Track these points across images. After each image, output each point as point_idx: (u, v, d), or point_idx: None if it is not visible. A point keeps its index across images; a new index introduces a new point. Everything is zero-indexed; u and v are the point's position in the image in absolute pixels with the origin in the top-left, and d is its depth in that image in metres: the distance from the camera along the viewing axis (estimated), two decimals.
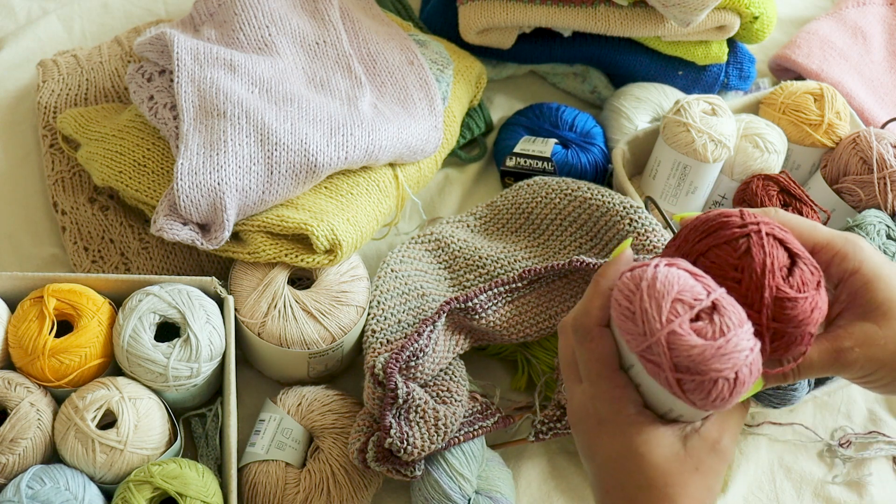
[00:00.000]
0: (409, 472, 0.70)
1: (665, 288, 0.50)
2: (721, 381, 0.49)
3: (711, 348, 0.49)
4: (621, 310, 0.51)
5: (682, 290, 0.50)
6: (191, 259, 0.82)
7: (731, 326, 0.49)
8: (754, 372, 0.50)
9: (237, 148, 0.72)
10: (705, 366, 0.49)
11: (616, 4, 0.90)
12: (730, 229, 0.53)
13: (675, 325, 0.49)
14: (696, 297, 0.49)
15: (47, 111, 0.89)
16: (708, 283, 0.51)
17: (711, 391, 0.50)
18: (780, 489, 0.82)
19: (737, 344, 0.49)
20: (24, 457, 0.66)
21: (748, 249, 0.52)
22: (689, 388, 0.50)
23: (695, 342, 0.49)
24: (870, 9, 1.14)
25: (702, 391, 0.50)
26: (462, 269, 0.83)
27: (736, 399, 0.50)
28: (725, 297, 0.50)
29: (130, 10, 1.02)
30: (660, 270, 0.51)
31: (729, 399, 0.50)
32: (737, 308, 0.50)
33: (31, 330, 0.68)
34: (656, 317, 0.50)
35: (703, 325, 0.49)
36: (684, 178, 0.85)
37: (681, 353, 0.49)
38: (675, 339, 0.49)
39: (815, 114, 0.89)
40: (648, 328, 0.50)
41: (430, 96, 0.86)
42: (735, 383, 0.49)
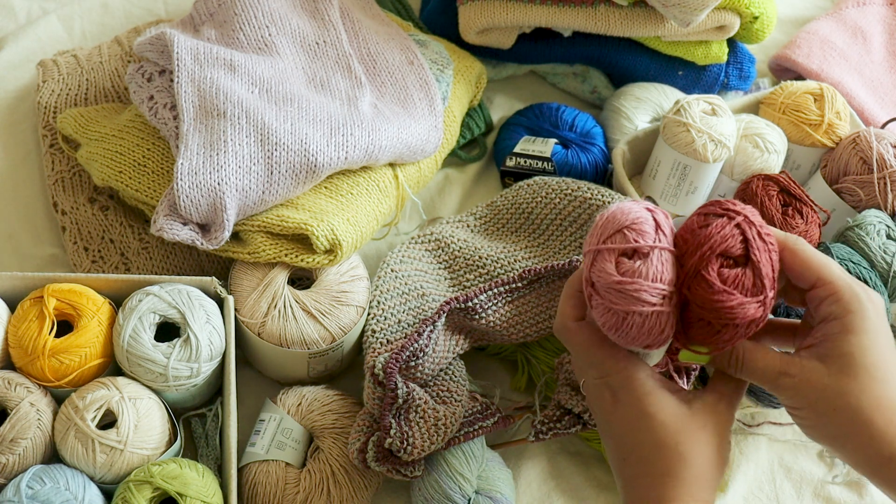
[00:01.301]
0: (409, 472, 0.70)
1: (622, 217, 0.55)
2: (613, 313, 0.54)
3: (615, 280, 0.53)
4: (594, 222, 0.57)
5: (632, 226, 0.54)
6: (191, 259, 0.82)
7: (643, 275, 0.53)
8: (648, 328, 0.54)
9: (237, 148, 0.72)
10: (606, 293, 0.54)
11: (616, 4, 0.90)
12: (715, 207, 0.55)
13: (605, 247, 0.54)
14: (636, 239, 0.54)
15: (47, 111, 0.89)
16: (662, 237, 0.55)
17: (604, 316, 0.55)
18: (780, 489, 0.82)
19: (637, 291, 0.53)
20: (24, 457, 0.66)
21: (708, 224, 0.54)
22: (594, 306, 0.55)
23: (608, 269, 0.54)
24: (870, 9, 1.14)
25: (600, 313, 0.55)
26: (462, 269, 0.83)
27: (628, 339, 0.55)
28: (664, 256, 0.54)
29: (130, 10, 1.02)
30: (631, 205, 0.56)
31: (620, 333, 0.55)
32: (664, 269, 0.53)
33: (31, 330, 0.68)
34: (598, 234, 0.55)
35: (627, 261, 0.54)
36: (684, 178, 0.85)
37: (596, 271, 0.54)
38: (599, 258, 0.54)
39: (815, 114, 0.89)
40: (590, 241, 0.56)
41: (430, 96, 0.86)
42: (623, 323, 0.54)
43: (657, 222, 0.55)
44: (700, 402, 0.57)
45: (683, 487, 0.54)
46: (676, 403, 0.56)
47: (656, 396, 0.56)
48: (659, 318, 0.53)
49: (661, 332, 0.54)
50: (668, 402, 0.56)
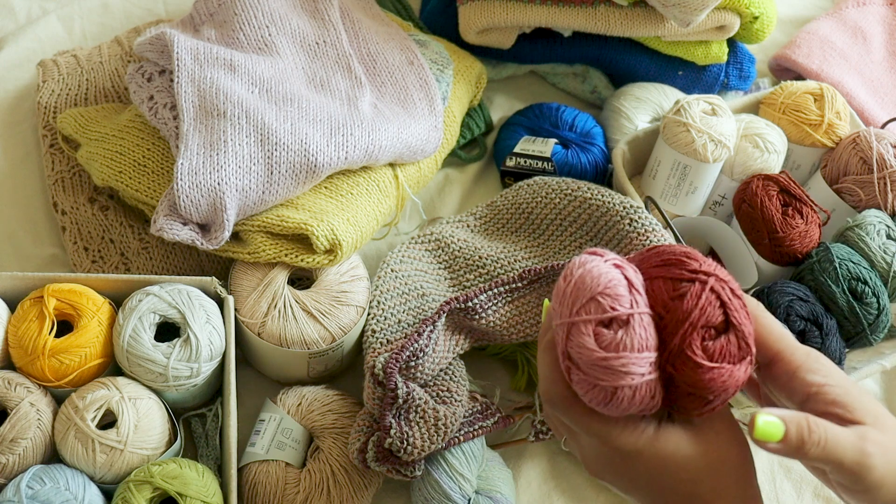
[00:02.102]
0: (409, 472, 0.70)
1: (592, 282, 0.51)
2: (600, 389, 0.51)
3: (599, 357, 0.50)
4: (557, 286, 0.53)
5: (605, 292, 0.51)
6: (191, 259, 0.82)
7: (627, 346, 0.50)
8: (639, 399, 0.51)
9: (237, 148, 0.72)
10: (590, 370, 0.51)
11: (616, 4, 0.90)
12: (681, 269, 0.52)
13: (580, 319, 0.51)
14: (613, 306, 0.51)
15: (47, 111, 0.89)
16: (638, 298, 0.51)
17: (589, 393, 0.52)
18: (780, 489, 0.82)
19: (625, 365, 0.50)
20: (24, 457, 0.66)
21: (683, 295, 0.51)
22: (574, 381, 0.52)
23: (588, 344, 0.50)
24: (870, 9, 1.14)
25: (584, 389, 0.52)
26: (462, 269, 0.83)
27: (618, 412, 0.52)
28: (645, 320, 0.51)
29: (130, 10, 1.02)
30: (598, 265, 0.52)
31: (609, 407, 0.52)
32: (648, 335, 0.50)
33: (31, 330, 0.68)
34: (570, 304, 0.51)
35: (607, 332, 0.50)
36: (684, 178, 0.85)
37: (574, 346, 0.51)
38: (575, 332, 0.51)
39: (815, 114, 0.89)
40: (562, 311, 0.52)
41: (430, 96, 0.86)
42: (612, 398, 0.51)
43: (629, 281, 0.52)
44: (711, 432, 0.54)
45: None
46: (689, 443, 0.53)
47: (669, 444, 0.53)
48: (649, 385, 0.51)
49: (651, 398, 0.51)
50: (681, 446, 0.53)
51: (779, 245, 0.81)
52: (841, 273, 0.78)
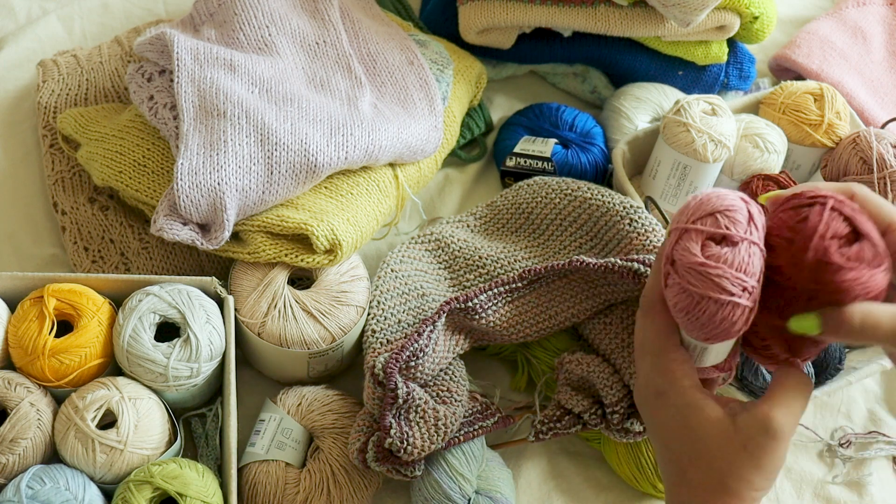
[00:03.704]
0: (409, 472, 0.70)
1: (717, 201, 0.54)
2: (688, 294, 0.53)
3: (698, 261, 0.53)
4: (684, 204, 0.56)
5: (726, 213, 0.54)
6: (191, 259, 0.82)
7: (729, 262, 0.52)
8: (720, 319, 0.53)
9: (237, 148, 0.72)
10: (686, 273, 0.53)
11: (616, 4, 0.90)
12: (801, 199, 0.55)
13: (695, 227, 0.54)
14: (728, 226, 0.53)
15: (47, 111, 0.89)
16: (753, 231, 0.54)
17: (677, 296, 0.54)
18: (780, 489, 0.82)
19: (719, 276, 0.52)
20: (24, 457, 0.66)
21: (806, 217, 0.53)
22: (669, 284, 0.55)
23: (693, 249, 0.53)
24: (870, 9, 1.14)
25: (674, 293, 0.54)
26: (462, 269, 0.83)
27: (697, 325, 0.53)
28: (754, 251, 0.53)
29: (130, 10, 1.02)
30: (727, 192, 0.55)
31: (690, 317, 0.53)
32: (751, 263, 0.53)
33: (31, 330, 0.68)
34: (689, 214, 0.55)
35: (714, 246, 0.53)
36: (684, 178, 0.85)
37: (680, 249, 0.54)
38: (686, 237, 0.54)
39: (815, 114, 0.89)
40: (679, 219, 0.55)
41: (430, 96, 0.86)
42: (696, 307, 0.53)
43: (751, 214, 0.54)
44: (747, 417, 0.54)
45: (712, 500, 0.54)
46: (719, 417, 0.55)
47: (699, 408, 0.55)
48: (734, 309, 0.52)
49: (731, 325, 0.53)
50: (710, 415, 0.55)
51: None
52: None
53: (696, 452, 0.55)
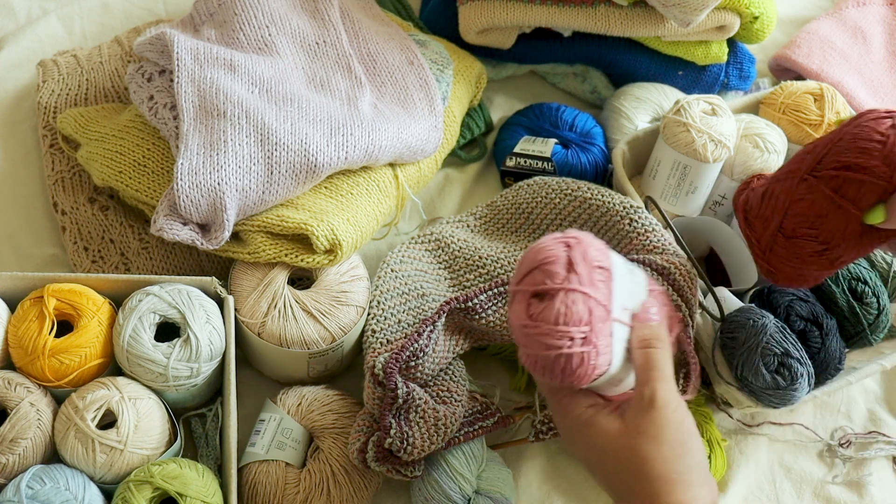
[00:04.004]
0: (409, 472, 0.70)
1: (531, 255, 0.55)
2: (528, 354, 0.55)
3: (522, 324, 0.54)
4: None
5: (541, 267, 0.54)
6: (191, 259, 0.82)
7: (545, 318, 0.53)
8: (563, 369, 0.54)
9: (237, 148, 0.72)
10: (518, 336, 0.55)
11: (616, 4, 0.90)
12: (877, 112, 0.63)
13: (517, 288, 0.55)
14: (544, 280, 0.54)
15: (47, 111, 0.89)
16: (573, 278, 0.54)
17: (522, 355, 0.55)
18: (781, 489, 0.82)
19: (541, 335, 0.53)
20: (25, 457, 0.66)
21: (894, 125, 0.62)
22: (518, 345, 0.56)
23: (519, 311, 0.55)
24: (870, 9, 1.14)
25: (520, 353, 0.55)
26: (462, 269, 0.83)
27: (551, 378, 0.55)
28: (571, 297, 0.54)
29: (130, 11, 1.02)
30: (547, 242, 0.55)
31: (544, 375, 0.55)
32: (574, 308, 0.53)
33: (31, 330, 0.68)
34: (517, 274, 0.56)
35: (536, 304, 0.54)
36: (684, 178, 0.85)
37: (512, 314, 0.55)
38: (514, 300, 0.55)
39: (815, 114, 0.89)
40: (512, 280, 0.56)
41: (430, 96, 0.86)
42: (536, 365, 0.54)
43: (571, 260, 0.54)
44: (630, 408, 0.58)
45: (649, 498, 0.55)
46: (609, 421, 0.57)
47: (594, 423, 0.58)
48: (568, 360, 0.53)
49: (576, 373, 0.54)
50: (603, 425, 0.57)
51: None
52: (841, 273, 0.78)
53: (609, 464, 0.57)
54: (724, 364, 0.77)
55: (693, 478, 0.56)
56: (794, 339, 0.75)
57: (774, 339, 0.74)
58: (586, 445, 0.58)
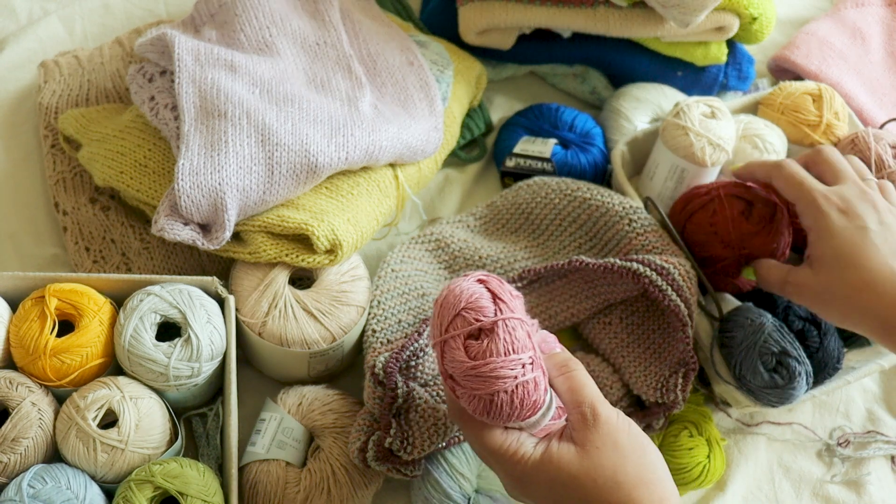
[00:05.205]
0: (410, 471, 0.70)
1: (455, 300, 0.55)
2: (479, 398, 0.54)
3: (469, 366, 0.53)
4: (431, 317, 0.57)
5: (468, 307, 0.54)
6: (192, 259, 0.82)
7: (494, 352, 0.53)
8: (519, 401, 0.54)
9: (238, 148, 0.72)
10: (465, 380, 0.53)
11: (615, 5, 0.91)
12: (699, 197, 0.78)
13: (449, 335, 0.54)
14: (477, 317, 0.54)
15: (48, 112, 0.89)
16: (503, 306, 0.55)
17: (472, 404, 0.54)
18: (779, 488, 0.83)
19: (493, 370, 0.53)
20: (26, 456, 0.66)
21: (715, 211, 0.77)
22: (459, 396, 0.55)
23: (459, 357, 0.54)
24: (869, 9, 1.14)
25: (467, 402, 0.55)
26: (462, 269, 0.83)
27: (504, 419, 0.54)
28: (511, 325, 0.54)
29: (132, 11, 1.02)
30: (460, 284, 0.56)
31: (494, 417, 0.54)
32: (514, 338, 0.53)
33: (33, 330, 0.68)
34: (440, 325, 0.55)
35: (475, 343, 0.54)
36: (682, 182, 0.85)
37: (449, 363, 0.54)
38: (448, 348, 0.54)
39: (814, 114, 0.89)
40: (434, 334, 0.56)
41: (430, 97, 0.86)
42: (492, 406, 0.53)
43: (493, 293, 0.55)
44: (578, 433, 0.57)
45: None
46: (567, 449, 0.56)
47: (553, 459, 0.56)
48: (525, 388, 0.53)
49: (531, 401, 0.54)
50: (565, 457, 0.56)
51: (800, 229, 0.81)
52: None
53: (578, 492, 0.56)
54: (722, 363, 0.78)
55: (661, 474, 0.57)
56: (791, 338, 0.76)
57: (772, 338, 0.75)
58: (547, 484, 0.56)
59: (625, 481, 0.55)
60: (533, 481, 0.57)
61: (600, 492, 0.55)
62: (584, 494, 0.55)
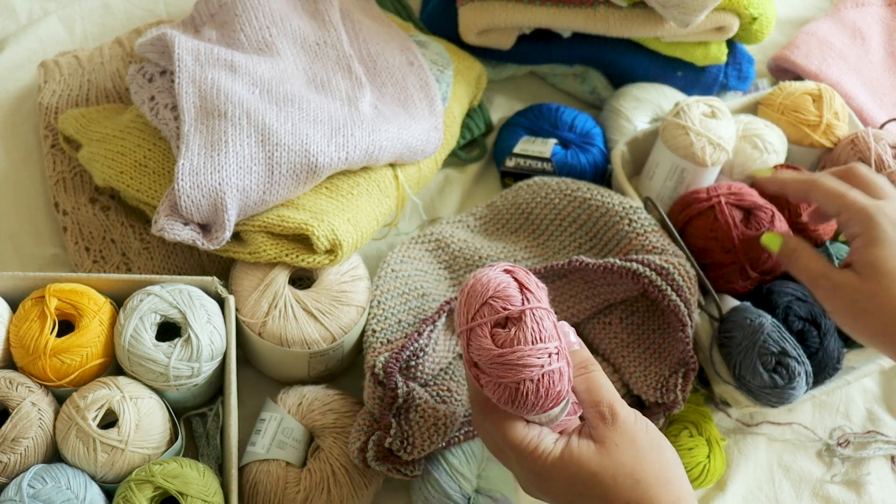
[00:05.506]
0: (410, 471, 0.70)
1: (482, 289, 0.55)
2: (504, 387, 0.54)
3: (496, 353, 0.53)
4: (457, 302, 0.57)
5: (496, 296, 0.54)
6: (192, 259, 0.82)
7: (521, 341, 0.53)
8: (544, 392, 0.54)
9: (238, 148, 0.72)
10: (490, 368, 0.54)
11: (615, 5, 0.91)
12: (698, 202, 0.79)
13: (476, 323, 0.54)
14: (504, 306, 0.54)
15: (48, 112, 0.89)
16: (529, 296, 0.55)
17: (497, 393, 0.54)
18: (779, 488, 0.83)
19: (521, 358, 0.53)
20: (26, 456, 0.66)
21: (715, 218, 0.78)
22: (484, 384, 0.55)
23: (486, 344, 0.54)
24: (868, 9, 1.14)
25: (492, 390, 0.55)
26: (462, 269, 0.83)
27: (529, 409, 0.54)
28: (539, 314, 0.54)
29: (132, 11, 1.02)
30: (487, 273, 0.56)
31: (518, 406, 0.54)
32: (542, 328, 0.54)
33: (33, 330, 0.68)
34: (466, 314, 0.55)
35: (502, 331, 0.54)
36: (682, 182, 0.85)
37: (475, 350, 0.54)
38: (474, 336, 0.54)
39: (814, 114, 0.89)
40: (460, 321, 0.56)
41: (430, 97, 0.86)
42: (517, 395, 0.53)
43: (520, 283, 0.55)
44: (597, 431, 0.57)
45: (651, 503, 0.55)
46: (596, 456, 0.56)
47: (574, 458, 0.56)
48: (550, 377, 0.53)
49: (555, 391, 0.54)
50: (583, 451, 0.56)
51: (803, 230, 0.81)
52: None
53: (597, 490, 0.56)
54: (722, 364, 0.78)
55: (678, 472, 0.57)
56: (791, 339, 0.76)
57: (772, 338, 0.75)
58: (567, 480, 0.56)
59: (643, 479, 0.55)
60: (552, 477, 0.57)
61: (619, 489, 0.55)
62: (602, 491, 0.55)
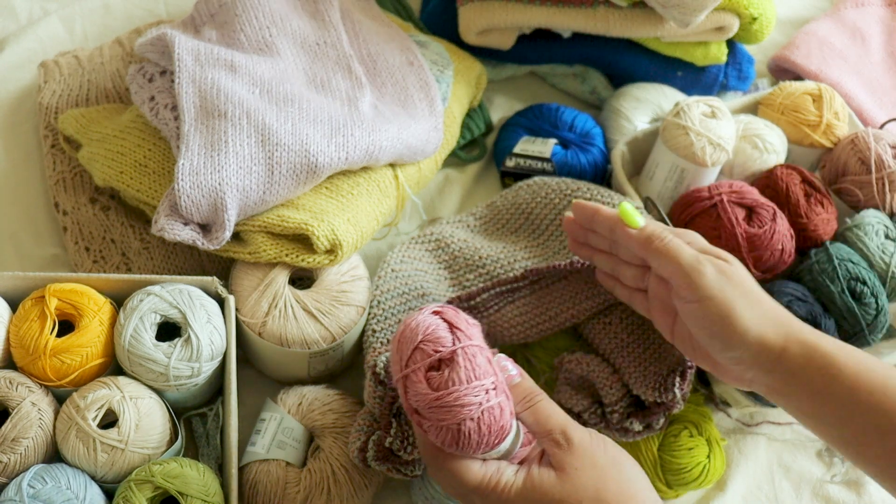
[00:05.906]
0: (410, 471, 0.70)
1: (411, 334, 0.55)
2: (447, 429, 0.54)
3: (433, 397, 0.53)
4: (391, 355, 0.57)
5: (427, 339, 0.55)
6: (192, 259, 0.82)
7: (456, 381, 0.53)
8: (486, 429, 0.54)
9: (238, 148, 0.72)
10: (430, 412, 0.54)
11: (615, 5, 0.91)
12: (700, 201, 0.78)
13: (410, 370, 0.55)
14: (436, 348, 0.54)
15: (49, 112, 0.89)
16: (461, 335, 0.55)
17: (440, 436, 0.55)
18: (779, 488, 0.83)
19: (458, 398, 0.53)
20: (26, 456, 0.66)
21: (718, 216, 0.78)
22: (426, 430, 0.55)
23: (422, 389, 0.54)
24: (868, 9, 1.14)
25: (435, 434, 0.55)
26: (462, 269, 0.83)
27: (476, 448, 0.54)
28: (471, 352, 0.54)
29: (132, 11, 1.02)
30: (416, 318, 0.56)
31: (463, 447, 0.54)
32: (475, 365, 0.54)
33: (33, 330, 0.68)
34: (399, 362, 0.55)
35: (436, 374, 0.54)
36: (682, 182, 0.85)
37: (412, 397, 0.55)
38: (410, 383, 0.55)
39: (814, 114, 0.89)
40: (395, 370, 0.56)
41: (430, 97, 0.86)
42: (460, 435, 0.54)
43: (449, 323, 0.55)
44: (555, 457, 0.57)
45: None
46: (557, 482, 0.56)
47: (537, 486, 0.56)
48: (491, 412, 0.54)
49: (499, 425, 0.54)
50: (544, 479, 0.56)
51: (803, 230, 0.81)
52: (840, 273, 0.79)
53: None
54: None
55: (642, 485, 0.57)
56: None
57: None
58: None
59: (607, 498, 0.55)
60: None
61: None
62: None
